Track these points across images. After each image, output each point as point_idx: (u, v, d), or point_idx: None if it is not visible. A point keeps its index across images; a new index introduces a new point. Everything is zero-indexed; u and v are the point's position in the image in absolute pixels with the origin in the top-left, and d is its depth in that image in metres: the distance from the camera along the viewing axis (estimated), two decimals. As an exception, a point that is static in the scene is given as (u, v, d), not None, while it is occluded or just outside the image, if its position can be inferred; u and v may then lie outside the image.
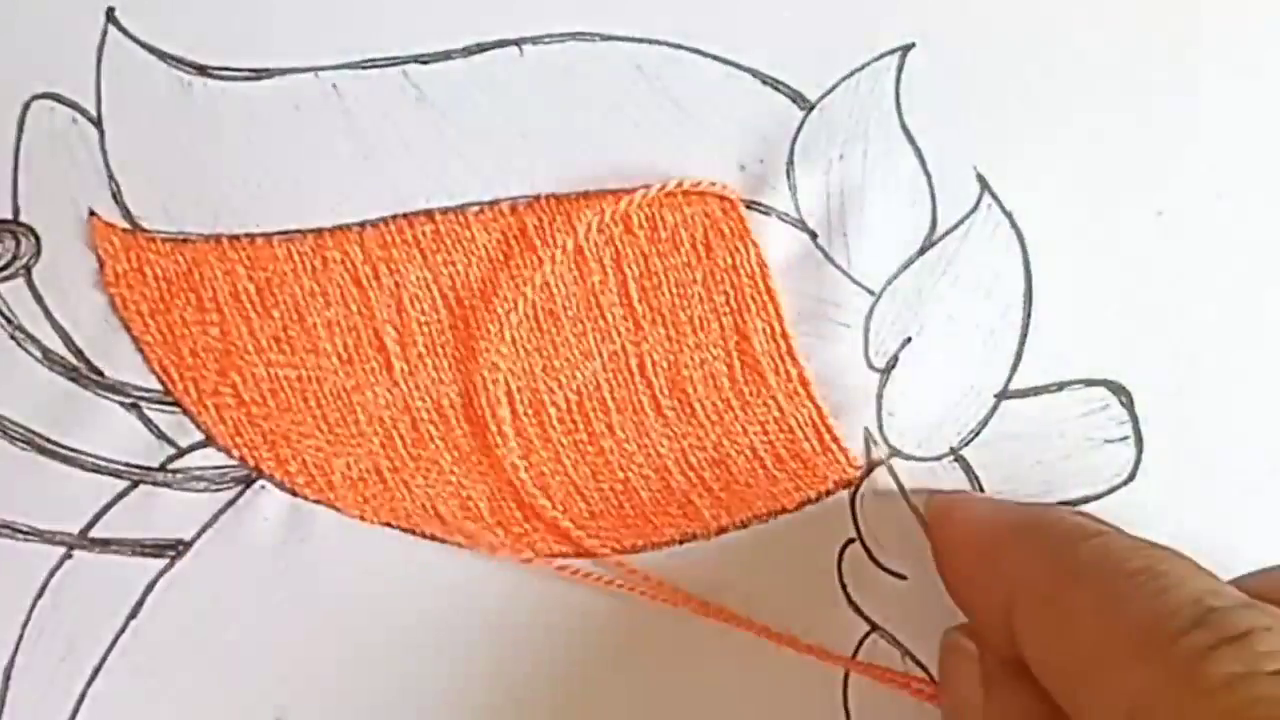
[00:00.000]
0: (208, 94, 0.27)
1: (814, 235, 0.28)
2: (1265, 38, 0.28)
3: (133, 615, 0.27)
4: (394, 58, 0.28)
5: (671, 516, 0.28)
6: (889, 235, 0.28)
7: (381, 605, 0.28)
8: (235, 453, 0.27)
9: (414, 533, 0.28)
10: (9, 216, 0.27)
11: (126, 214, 0.27)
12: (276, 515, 0.28)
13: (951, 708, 0.26)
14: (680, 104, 0.28)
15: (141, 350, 0.27)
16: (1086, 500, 0.28)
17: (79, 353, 0.27)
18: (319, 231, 0.28)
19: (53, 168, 0.27)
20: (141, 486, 0.27)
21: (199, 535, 0.27)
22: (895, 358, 0.28)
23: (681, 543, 0.28)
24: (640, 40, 0.28)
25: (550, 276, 0.28)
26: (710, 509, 0.28)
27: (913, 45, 0.28)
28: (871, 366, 0.28)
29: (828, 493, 0.28)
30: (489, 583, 0.28)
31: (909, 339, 0.28)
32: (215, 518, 0.27)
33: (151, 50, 0.27)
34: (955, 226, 0.28)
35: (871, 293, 0.28)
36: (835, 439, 0.28)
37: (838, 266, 0.28)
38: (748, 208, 0.28)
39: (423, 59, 0.28)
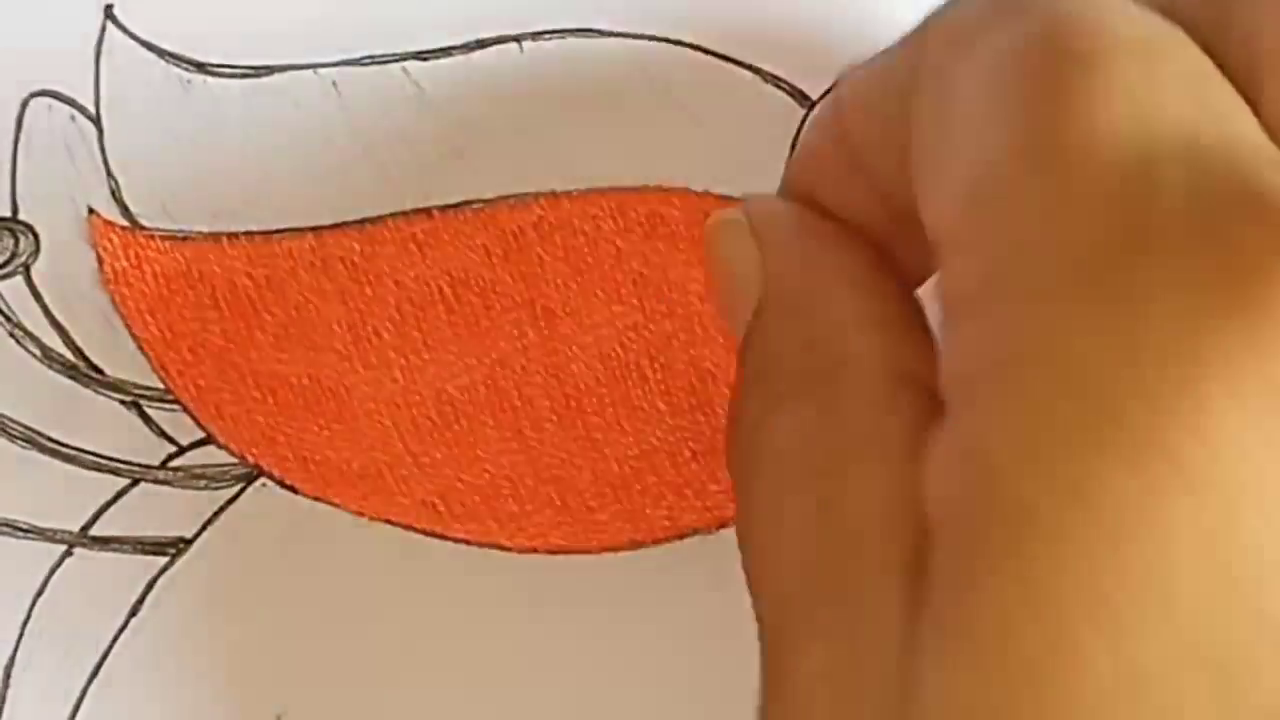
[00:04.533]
0: (207, 91, 0.27)
1: (814, 233, 0.28)
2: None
3: (133, 613, 0.27)
4: (394, 54, 0.28)
5: (671, 513, 0.28)
6: (889, 233, 0.28)
7: (382, 603, 0.28)
8: (235, 450, 0.28)
9: (413, 529, 0.28)
10: (7, 214, 0.27)
11: (126, 212, 0.27)
12: (277, 513, 0.28)
13: (725, 291, 0.23)
14: (681, 102, 0.28)
15: (141, 348, 0.27)
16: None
17: (78, 351, 0.27)
18: (318, 229, 0.28)
19: (51, 165, 0.27)
20: (142, 484, 0.27)
21: (200, 533, 0.27)
22: (895, 356, 0.28)
23: (682, 538, 0.28)
24: (641, 37, 0.28)
25: (549, 274, 0.28)
26: (710, 505, 0.28)
27: (913, 43, 0.28)
28: (871, 364, 0.28)
29: (826, 489, 0.28)
30: (489, 582, 0.28)
31: (909, 337, 0.28)
32: (216, 515, 0.27)
33: (150, 47, 0.27)
34: (955, 225, 0.28)
35: (871, 291, 0.28)
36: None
37: (837, 264, 0.28)
38: (748, 206, 0.28)
39: (423, 55, 0.28)
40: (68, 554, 0.27)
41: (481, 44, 0.28)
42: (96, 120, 0.27)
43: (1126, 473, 0.15)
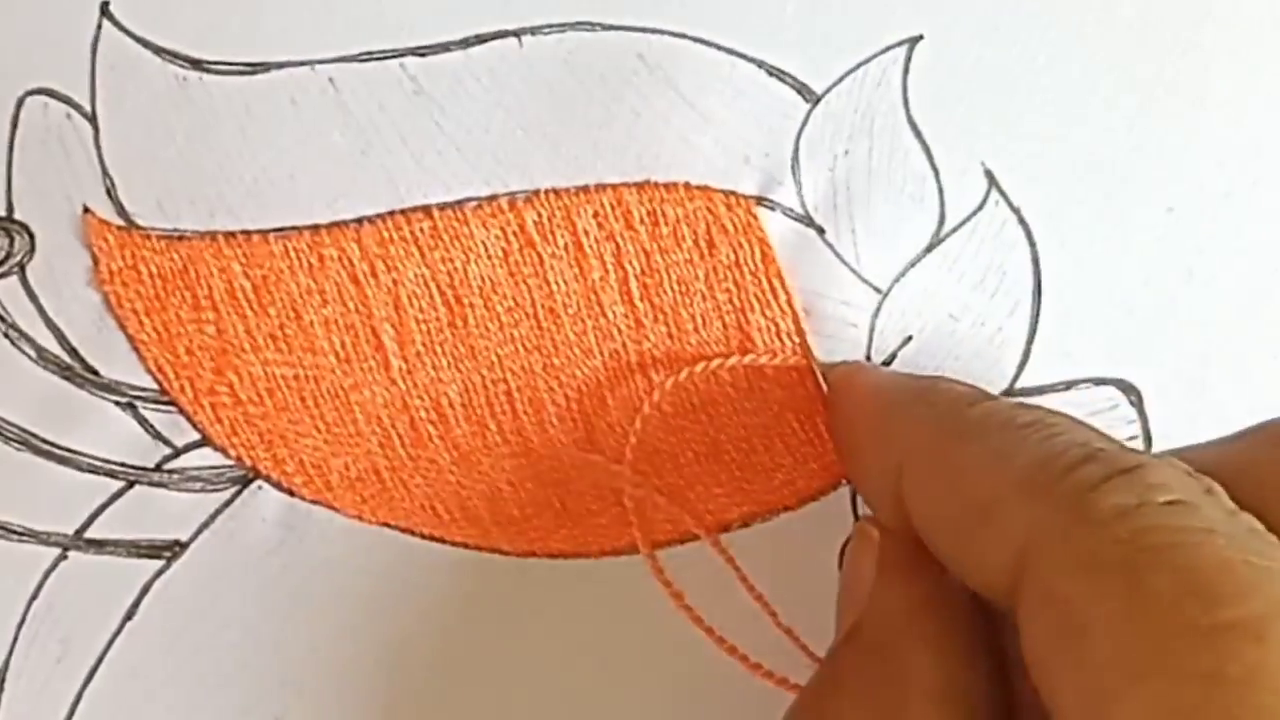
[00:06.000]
0: (203, 89, 0.27)
1: (821, 230, 0.27)
2: (1276, 33, 0.28)
3: (129, 616, 0.27)
4: (391, 50, 0.27)
5: (673, 516, 0.28)
6: (896, 232, 0.28)
7: (379, 606, 0.27)
8: (232, 452, 0.27)
9: (412, 533, 0.27)
10: (2, 214, 0.27)
11: (121, 211, 0.27)
12: (274, 516, 0.27)
13: (845, 590, 0.25)
14: (683, 95, 0.27)
15: (137, 349, 0.27)
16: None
17: (74, 351, 0.27)
18: (316, 228, 0.27)
19: (47, 164, 0.27)
20: (137, 487, 0.27)
21: (195, 536, 0.27)
22: (893, 355, 0.28)
23: (683, 541, 0.28)
24: (642, 30, 0.27)
25: (550, 273, 0.27)
26: (712, 509, 0.28)
27: (920, 37, 0.27)
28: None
29: (831, 488, 0.28)
30: (489, 583, 0.27)
31: (909, 338, 0.28)
32: (212, 518, 0.27)
33: (146, 45, 0.27)
34: (963, 223, 0.28)
35: (878, 290, 0.28)
36: (840, 438, 0.28)
37: (845, 263, 0.28)
38: (756, 203, 0.27)
39: (420, 51, 0.27)
40: (62, 557, 0.27)
41: (480, 39, 0.27)
42: (92, 118, 0.27)
43: None
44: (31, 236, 0.27)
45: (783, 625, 0.27)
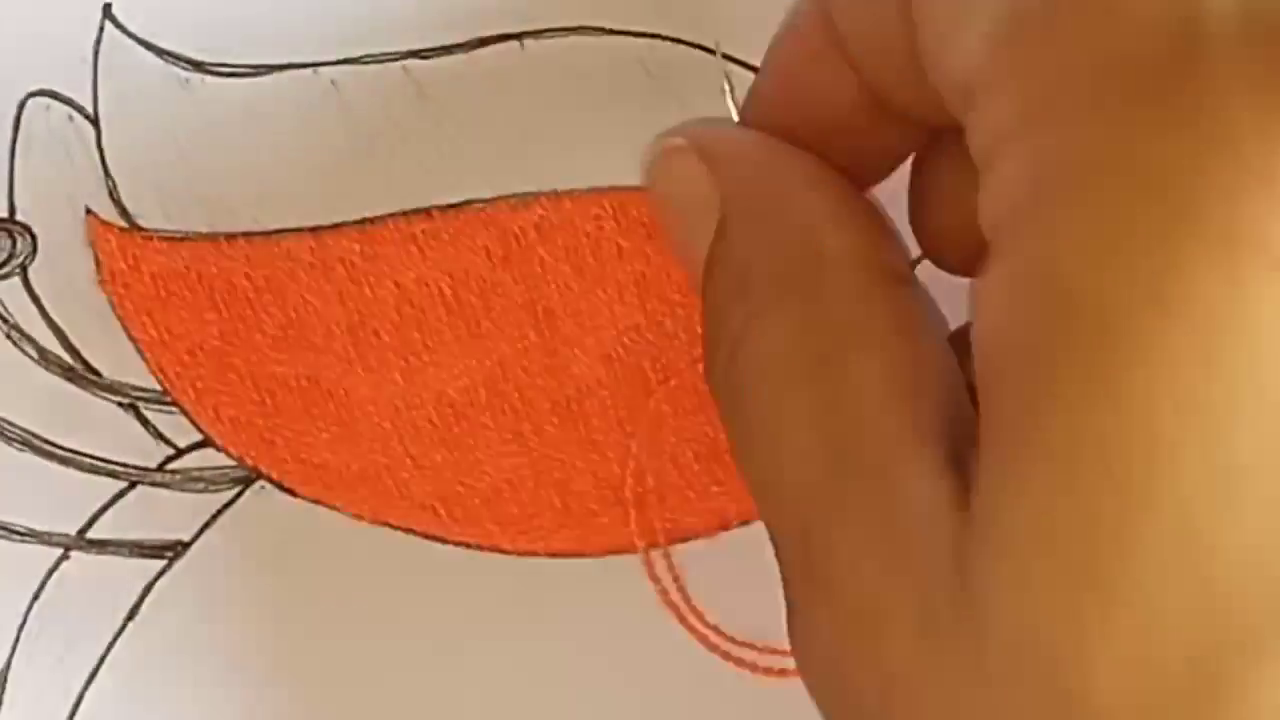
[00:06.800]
0: (206, 91, 0.27)
1: (818, 233, 0.28)
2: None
3: (131, 616, 0.27)
4: (394, 53, 0.27)
5: (673, 515, 0.28)
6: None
7: (381, 607, 0.28)
8: (234, 453, 0.27)
9: (413, 532, 0.28)
10: (5, 215, 0.27)
11: (124, 212, 0.27)
12: (275, 516, 0.27)
13: (680, 218, 0.23)
14: (684, 100, 0.28)
15: (139, 350, 0.27)
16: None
17: (76, 352, 0.27)
18: (317, 229, 0.27)
19: (49, 166, 0.27)
20: (139, 487, 0.27)
21: (198, 536, 0.27)
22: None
23: (684, 540, 0.28)
24: (644, 35, 0.28)
25: (550, 275, 0.27)
26: (713, 507, 0.28)
27: (918, 41, 0.28)
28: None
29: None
30: (490, 583, 0.28)
31: (912, 338, 0.28)
32: (214, 518, 0.27)
33: (149, 47, 0.27)
34: (961, 225, 0.28)
35: (876, 292, 0.28)
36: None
37: (842, 265, 0.28)
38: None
39: (423, 54, 0.27)
40: (65, 557, 0.27)
41: (483, 42, 0.28)
42: (94, 120, 0.27)
43: (1210, 263, 0.14)
44: (34, 238, 0.27)
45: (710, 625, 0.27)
